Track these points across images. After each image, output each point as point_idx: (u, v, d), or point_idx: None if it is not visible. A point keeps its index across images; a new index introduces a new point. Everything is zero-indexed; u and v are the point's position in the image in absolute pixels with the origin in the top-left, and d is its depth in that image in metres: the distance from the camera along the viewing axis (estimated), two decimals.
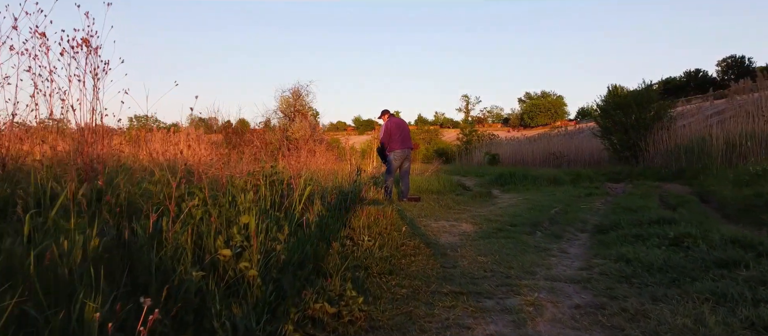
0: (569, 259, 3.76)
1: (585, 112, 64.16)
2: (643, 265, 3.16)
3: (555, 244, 4.71)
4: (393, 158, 9.61)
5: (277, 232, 2.33)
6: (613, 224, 5.28)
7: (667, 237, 3.83)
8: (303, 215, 3.11)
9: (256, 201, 2.83)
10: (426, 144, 48.42)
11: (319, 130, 31.13)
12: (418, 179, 12.82)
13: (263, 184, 3.07)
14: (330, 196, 3.61)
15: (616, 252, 3.57)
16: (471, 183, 17.44)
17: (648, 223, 5.06)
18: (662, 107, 19.38)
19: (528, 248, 4.23)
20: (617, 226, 5.09)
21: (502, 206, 8.89)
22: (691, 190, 11.90)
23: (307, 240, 2.64)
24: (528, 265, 3.45)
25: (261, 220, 2.32)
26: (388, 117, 9.97)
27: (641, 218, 5.44)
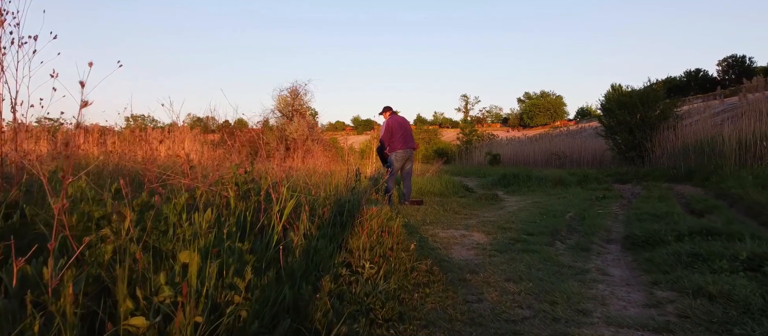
0: (621, 288, 2.97)
1: (584, 112, 63.42)
2: (736, 305, 2.35)
3: (587, 260, 3.93)
4: (394, 159, 8.83)
5: (235, 277, 1.53)
6: (647, 235, 4.50)
7: (736, 258, 3.05)
8: (285, 237, 2.33)
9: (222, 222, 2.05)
10: (425, 144, 47.70)
11: (318, 129, 30.33)
12: (420, 180, 12.05)
13: (234, 197, 2.29)
14: (322, 209, 2.83)
15: (684, 280, 2.77)
16: (473, 184, 16.70)
17: (690, 234, 4.28)
18: (668, 106, 18.59)
19: (562, 269, 3.44)
20: (656, 239, 4.30)
21: (511, 210, 8.11)
22: (705, 191, 11.12)
23: (286, 280, 1.86)
24: (574, 298, 2.65)
25: (212, 257, 1.54)
26: (390, 114, 9.18)
27: (677, 228, 4.67)
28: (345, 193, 4.75)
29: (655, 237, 4.36)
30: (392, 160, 8.82)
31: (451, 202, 9.22)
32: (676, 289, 2.69)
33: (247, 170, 2.50)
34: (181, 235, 1.69)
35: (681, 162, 15.26)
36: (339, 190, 4.07)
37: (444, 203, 8.90)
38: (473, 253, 4.23)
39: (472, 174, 21.69)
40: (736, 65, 46.31)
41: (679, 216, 5.84)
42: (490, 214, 7.68)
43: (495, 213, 7.83)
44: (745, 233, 4.19)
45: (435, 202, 9.19)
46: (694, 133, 16.93)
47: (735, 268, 2.93)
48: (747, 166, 11.66)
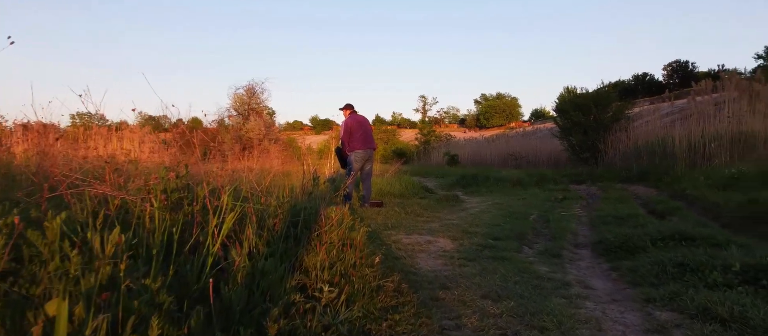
0: (610, 306, 2.64)
1: (539, 114, 64.62)
2: (754, 331, 2.06)
3: (563, 270, 3.62)
4: (354, 159, 8.40)
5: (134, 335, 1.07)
6: (621, 241, 4.25)
7: (728, 269, 2.78)
8: (226, 257, 1.87)
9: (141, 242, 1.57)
10: (384, 144, 47.42)
11: (275, 129, 29.47)
12: (379, 181, 11.65)
13: (159, 208, 1.81)
14: (273, 219, 2.38)
15: (682, 296, 2.46)
16: (433, 184, 16.43)
17: (662, 239, 4.06)
18: (620, 108, 18.93)
19: (541, 282, 3.10)
20: (630, 245, 4.06)
21: (473, 212, 7.83)
22: (659, 192, 11.21)
23: (219, 321, 1.40)
24: (566, 323, 2.28)
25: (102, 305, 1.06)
26: (350, 113, 8.75)
27: (647, 232, 4.46)
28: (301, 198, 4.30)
29: (628, 243, 4.11)
30: (351, 161, 8.40)
31: (412, 203, 8.86)
32: (675, 309, 2.39)
33: (180, 174, 2.02)
34: (58, 272, 1.20)
35: (633, 163, 15.48)
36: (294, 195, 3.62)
37: (405, 205, 8.53)
38: (441, 262, 3.86)
39: (431, 174, 21.49)
40: (679, 70, 48.26)
41: (644, 218, 5.67)
42: (452, 216, 7.37)
43: (457, 215, 7.52)
44: (720, 238, 3.99)
45: (395, 204, 8.82)
46: (645, 135, 17.26)
47: (730, 281, 2.67)
48: (697, 167, 11.85)
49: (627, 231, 4.60)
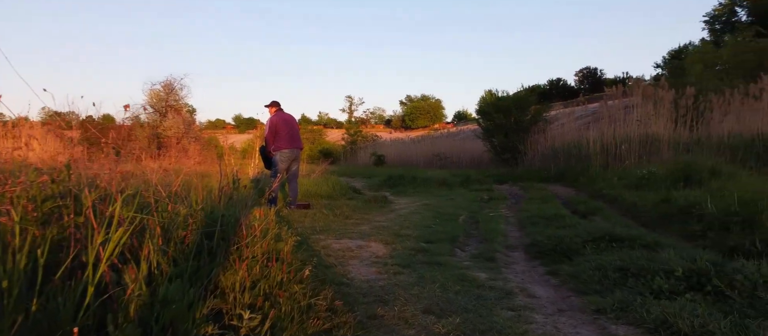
0: (560, 318, 2.45)
1: (461, 116, 66.46)
2: None
3: (501, 276, 3.45)
4: (279, 159, 7.93)
5: None
6: (553, 243, 4.18)
7: (671, 274, 2.71)
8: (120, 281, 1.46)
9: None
10: (310, 144, 46.63)
11: (195, 127, 27.98)
12: (306, 182, 11.21)
13: (23, 220, 1.36)
14: (182, 231, 1.96)
15: (633, 307, 2.31)
16: (360, 185, 16.18)
17: (593, 240, 4.03)
18: (538, 111, 19.69)
19: (482, 291, 2.88)
20: (563, 247, 4.00)
21: (403, 213, 7.64)
22: (577, 192, 11.64)
23: None
24: None
25: None
26: (276, 111, 8.27)
27: (576, 233, 4.45)
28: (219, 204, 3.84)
29: (562, 245, 4.05)
30: (277, 161, 7.93)
31: (341, 205, 8.53)
32: (631, 322, 2.25)
33: (56, 178, 1.57)
34: None
35: (551, 164, 16.09)
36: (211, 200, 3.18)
37: (333, 207, 8.19)
38: (375, 270, 3.57)
39: (358, 174, 21.24)
40: (589, 76, 51.51)
41: (569, 218, 5.72)
42: (381, 218, 7.13)
43: (387, 216, 7.29)
44: (649, 239, 4.02)
45: (323, 206, 8.45)
46: (561, 137, 18.01)
47: (676, 287, 2.59)
48: (610, 167, 12.43)
49: (558, 232, 4.56)
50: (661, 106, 13.00)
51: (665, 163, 9.28)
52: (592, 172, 12.40)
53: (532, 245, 4.47)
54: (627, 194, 7.61)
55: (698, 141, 11.96)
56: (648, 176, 8.51)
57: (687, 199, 5.85)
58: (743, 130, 11.90)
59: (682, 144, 11.99)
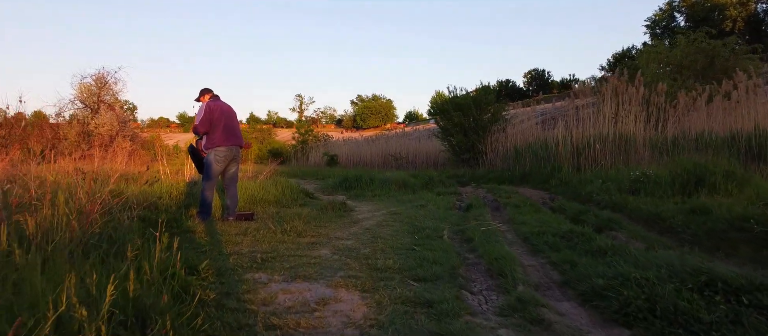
0: None
1: (412, 116, 65.42)
2: None
3: None
4: (214, 158, 6.20)
5: None
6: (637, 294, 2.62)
7: None
8: None
9: None
10: (259, 143, 44.14)
11: (132, 125, 25.23)
12: (251, 186, 9.44)
13: None
14: None
15: None
16: (313, 187, 14.49)
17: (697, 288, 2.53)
18: (498, 109, 18.61)
19: None
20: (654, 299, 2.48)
21: (370, 226, 6.09)
22: (551, 195, 10.48)
23: None
24: None
25: None
26: (211, 97, 6.51)
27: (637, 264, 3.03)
28: None
29: (649, 296, 2.52)
30: (210, 161, 6.18)
31: (292, 214, 6.88)
32: None
33: None
34: None
35: (514, 164, 14.97)
36: None
37: (282, 217, 6.53)
38: None
39: (310, 175, 19.49)
40: (537, 77, 51.60)
41: (590, 236, 4.31)
42: (344, 233, 5.54)
43: (350, 231, 5.71)
44: None
45: (270, 216, 6.78)
46: (522, 136, 16.97)
47: None
48: (582, 169, 11.36)
49: (610, 269, 3.09)
50: (632, 104, 12.06)
51: (664, 165, 8.17)
52: (564, 175, 11.27)
53: (578, 287, 3.01)
54: (631, 201, 6.31)
55: (674, 140, 11.05)
56: (643, 179, 7.33)
57: (730, 210, 4.60)
58: (717, 129, 11.11)
59: (659, 143, 11.06)
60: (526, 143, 15.76)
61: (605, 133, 11.70)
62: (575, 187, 9.62)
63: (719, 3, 34.33)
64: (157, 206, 6.29)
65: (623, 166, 10.49)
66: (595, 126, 12.32)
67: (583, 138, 12.31)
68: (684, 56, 19.54)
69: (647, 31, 37.11)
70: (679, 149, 10.56)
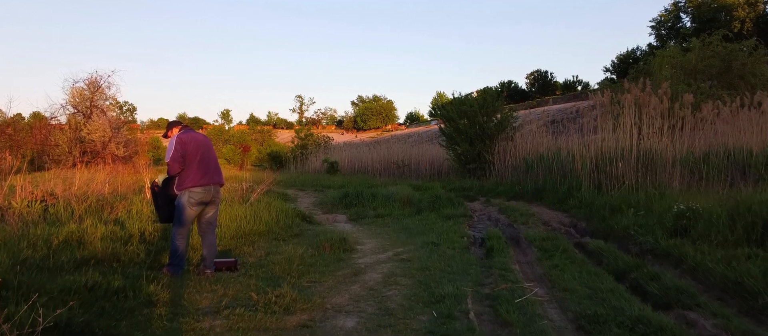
0: None
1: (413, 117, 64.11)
2: None
3: None
4: (188, 202, 5.09)
5: None
6: None
7: None
8: None
9: None
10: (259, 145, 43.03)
11: (125, 132, 24.07)
12: (241, 212, 8.35)
13: None
14: None
15: None
16: (311, 202, 13.45)
17: None
18: (506, 116, 17.37)
19: None
20: None
21: (374, 285, 4.99)
22: (571, 218, 9.39)
23: None
24: None
25: None
26: (182, 129, 5.39)
27: None
28: None
29: None
30: (183, 204, 5.06)
31: (281, 259, 5.77)
32: None
33: None
34: None
35: (526, 177, 13.81)
36: None
37: (270, 268, 5.42)
38: None
39: (309, 185, 18.38)
40: (540, 78, 50.13)
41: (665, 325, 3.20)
42: (343, 299, 4.45)
43: (351, 294, 4.63)
44: None
45: (257, 259, 5.69)
46: (532, 144, 15.83)
47: None
48: (604, 190, 10.21)
49: None
50: (657, 117, 10.92)
51: (713, 197, 7.03)
52: (585, 194, 10.13)
53: None
54: (689, 251, 5.02)
55: (706, 158, 9.90)
56: (689, 214, 6.19)
57: None
58: (751, 144, 10.00)
59: (689, 161, 9.91)
60: (537, 153, 14.62)
61: (628, 147, 10.54)
62: (600, 211, 8.52)
63: (727, 3, 33.17)
64: (120, 257, 5.18)
65: (651, 188, 9.35)
66: (613, 138, 11.17)
67: (603, 153, 11.15)
68: (699, 60, 18.39)
69: (652, 32, 35.94)
70: (713, 168, 9.42)
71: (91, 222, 6.24)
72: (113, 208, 8.47)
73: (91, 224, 6.14)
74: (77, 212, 7.75)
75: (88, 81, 23.29)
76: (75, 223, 6.21)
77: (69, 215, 7.57)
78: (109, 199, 8.83)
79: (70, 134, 22.80)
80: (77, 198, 8.58)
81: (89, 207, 8.29)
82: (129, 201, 8.85)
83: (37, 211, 7.71)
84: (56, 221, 7.03)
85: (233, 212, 8.29)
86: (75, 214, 7.66)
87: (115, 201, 8.86)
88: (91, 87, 23.41)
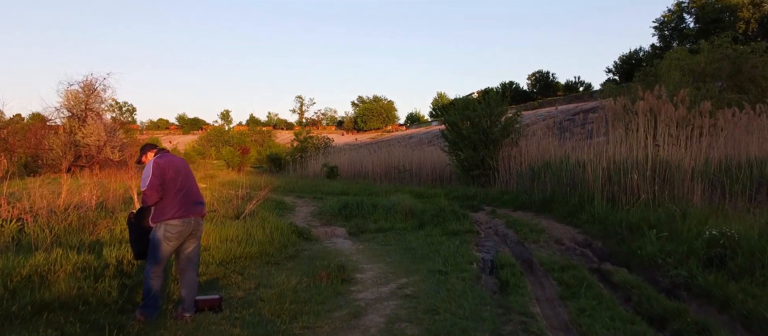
0: None
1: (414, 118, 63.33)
2: None
3: None
4: (164, 236, 4.40)
5: None
6: None
7: None
8: None
9: None
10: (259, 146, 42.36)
11: (120, 136, 23.43)
12: (232, 232, 7.70)
13: None
14: None
15: None
16: (309, 212, 12.81)
17: None
18: (510, 121, 16.67)
19: None
20: None
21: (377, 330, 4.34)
22: (585, 235, 8.74)
23: None
24: None
25: None
26: (158, 153, 4.71)
27: None
28: None
29: None
30: (159, 239, 4.39)
31: (270, 298, 5.11)
32: None
33: None
34: None
35: (532, 186, 13.13)
36: None
37: (259, 307, 4.77)
38: None
39: (307, 191, 17.75)
40: (542, 79, 49.26)
41: None
42: None
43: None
44: None
45: (243, 302, 5.02)
46: (537, 150, 15.14)
47: None
48: (619, 203, 9.52)
49: None
50: (675, 126, 10.25)
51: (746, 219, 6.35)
52: (598, 208, 9.46)
53: None
54: (731, 290, 4.41)
55: (726, 170, 9.22)
56: (724, 242, 5.52)
57: None
58: None
59: (709, 174, 9.23)
60: (543, 160, 13.93)
61: (642, 158, 9.86)
62: (616, 229, 7.88)
63: (731, 4, 32.42)
64: (87, 299, 4.52)
65: (670, 203, 8.69)
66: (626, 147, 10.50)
67: (615, 163, 10.46)
68: (708, 63, 17.68)
69: (655, 33, 35.19)
70: (736, 181, 8.75)
71: (62, 251, 5.56)
72: (95, 226, 7.82)
73: (61, 254, 5.46)
74: (55, 231, 7.13)
75: (83, 83, 22.67)
76: (44, 253, 5.54)
77: (46, 237, 6.93)
78: (92, 217, 8.16)
79: (64, 138, 22.17)
80: (58, 216, 7.90)
81: (69, 226, 7.64)
82: (113, 219, 8.20)
83: (11, 231, 7.08)
84: (28, 246, 6.40)
85: (224, 232, 7.65)
86: (53, 233, 7.03)
87: (99, 218, 8.22)
88: (86, 90, 22.79)
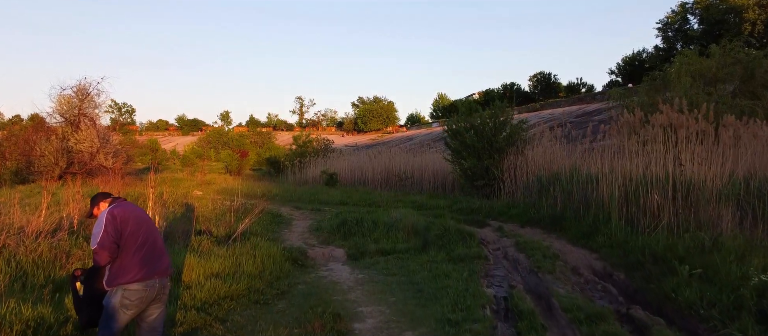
0: None
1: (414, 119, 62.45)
2: None
3: None
4: (122, 303, 3.55)
5: None
6: None
7: None
8: None
9: None
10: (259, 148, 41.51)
11: (115, 142, 22.56)
12: (218, 263, 6.92)
13: None
14: None
15: None
16: (307, 226, 12.07)
17: None
18: (516, 129, 15.78)
19: None
20: None
21: None
22: (603, 262, 7.97)
23: None
24: None
25: None
26: (111, 203, 3.88)
27: None
28: None
29: None
30: (115, 306, 3.57)
31: None
32: None
33: None
34: None
35: (541, 199, 12.30)
36: None
37: None
38: None
39: (305, 202, 16.97)
40: (543, 80, 48.28)
41: None
42: None
43: None
44: None
45: None
46: (544, 160, 14.29)
47: None
48: (638, 227, 8.69)
49: None
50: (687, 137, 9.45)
51: None
52: (615, 231, 8.65)
53: None
54: None
55: (757, 191, 8.39)
56: None
57: None
58: None
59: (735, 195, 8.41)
60: (551, 171, 13.09)
61: (663, 175, 9.02)
62: (638, 258, 7.13)
63: (736, 5, 31.51)
64: None
65: (695, 229, 7.88)
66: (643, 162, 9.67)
67: (632, 180, 9.62)
68: (719, 68, 16.85)
69: (659, 34, 34.33)
70: None
71: (14, 303, 4.76)
72: (68, 257, 7.04)
73: (13, 307, 4.66)
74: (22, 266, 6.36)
75: (76, 88, 21.82)
76: None
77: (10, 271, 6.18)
78: (65, 247, 7.34)
79: (56, 144, 21.33)
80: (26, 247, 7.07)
81: (39, 258, 6.85)
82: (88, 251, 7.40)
83: None
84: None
85: (210, 266, 6.85)
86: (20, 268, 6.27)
87: (73, 247, 7.42)
88: (80, 94, 21.94)
